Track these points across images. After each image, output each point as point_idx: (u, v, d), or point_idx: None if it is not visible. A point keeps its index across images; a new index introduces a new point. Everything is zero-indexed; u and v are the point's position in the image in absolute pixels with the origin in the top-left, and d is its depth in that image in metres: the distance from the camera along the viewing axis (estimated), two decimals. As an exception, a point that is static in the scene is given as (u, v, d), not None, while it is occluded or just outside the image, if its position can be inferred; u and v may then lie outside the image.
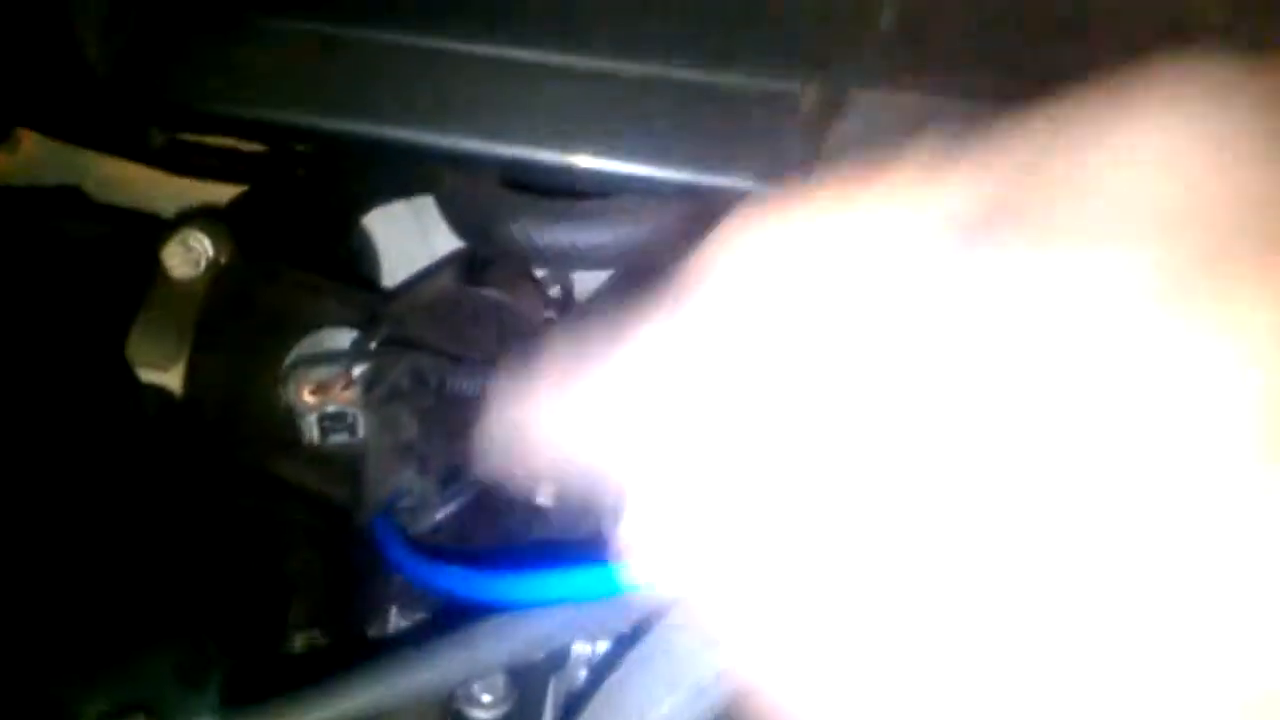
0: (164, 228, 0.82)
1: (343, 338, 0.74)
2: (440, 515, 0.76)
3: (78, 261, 0.76)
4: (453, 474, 0.77)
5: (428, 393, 0.69)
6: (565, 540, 0.86)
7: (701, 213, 0.83)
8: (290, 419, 0.76)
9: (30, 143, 1.15)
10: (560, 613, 0.55)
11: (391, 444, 0.69)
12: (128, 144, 1.08)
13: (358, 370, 0.66)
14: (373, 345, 0.67)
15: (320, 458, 0.77)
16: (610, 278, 0.96)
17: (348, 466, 0.77)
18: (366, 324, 0.70)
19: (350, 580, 0.86)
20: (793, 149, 0.51)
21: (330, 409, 0.68)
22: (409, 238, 1.11)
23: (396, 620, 0.76)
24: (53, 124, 1.07)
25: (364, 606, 0.83)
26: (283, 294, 0.79)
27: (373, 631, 0.78)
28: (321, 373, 0.67)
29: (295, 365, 0.69)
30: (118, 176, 1.13)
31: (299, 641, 0.76)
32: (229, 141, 1.13)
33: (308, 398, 0.66)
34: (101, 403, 0.69)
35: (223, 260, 0.78)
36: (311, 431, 0.69)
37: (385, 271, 1.06)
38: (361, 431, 0.69)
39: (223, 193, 1.13)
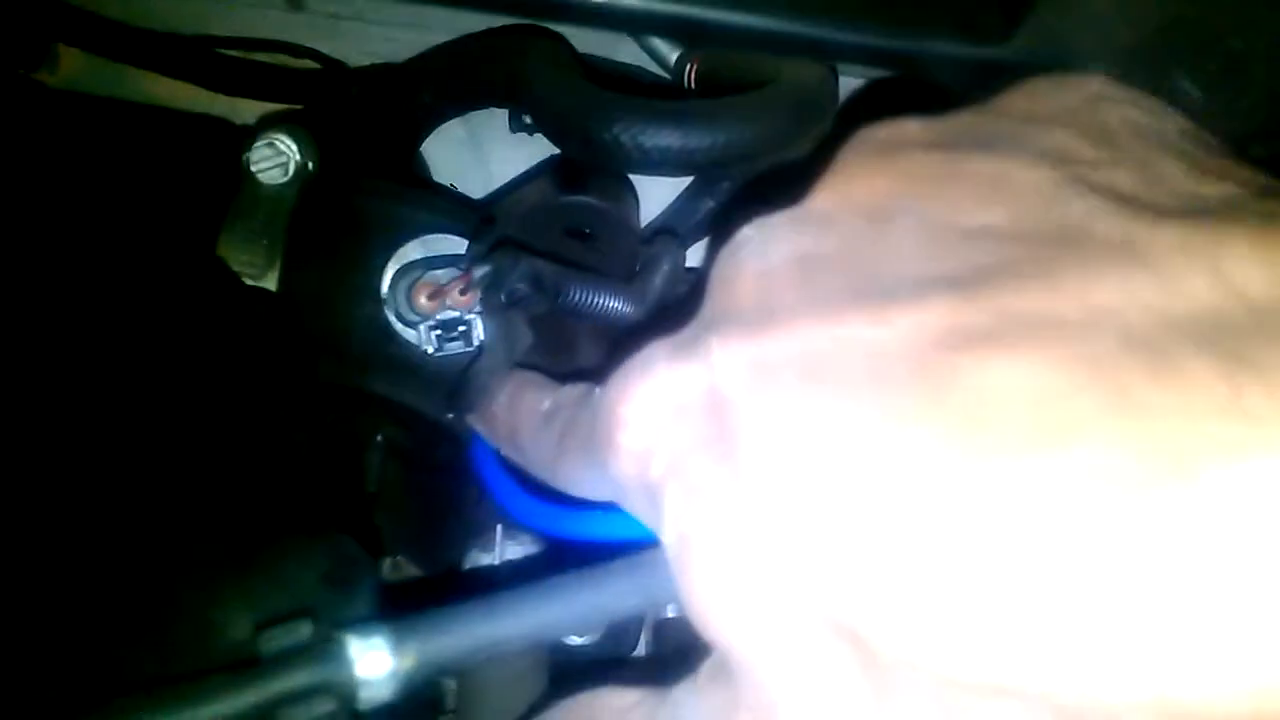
0: (242, 134, 0.78)
1: (442, 244, 0.71)
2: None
3: (161, 166, 0.72)
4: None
5: (544, 299, 0.66)
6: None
7: (806, 113, 0.79)
8: (386, 330, 0.73)
9: (72, 61, 1.10)
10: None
11: (506, 352, 0.66)
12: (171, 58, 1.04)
13: (476, 273, 0.62)
14: (489, 247, 0.64)
15: (417, 370, 0.74)
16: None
17: (446, 380, 0.74)
18: (479, 227, 0.66)
19: (439, 503, 0.83)
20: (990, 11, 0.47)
21: (445, 315, 0.64)
22: (463, 158, 1.07)
23: (501, 547, 0.74)
24: (95, 39, 1.03)
25: (459, 531, 0.80)
26: (374, 201, 0.75)
27: (473, 556, 0.76)
28: (437, 276, 0.63)
29: (406, 270, 0.65)
30: (164, 95, 1.08)
31: (385, 566, 0.74)
32: (279, 59, 1.09)
33: (423, 303, 0.62)
34: (207, 308, 0.65)
35: (310, 166, 0.74)
36: (424, 340, 0.65)
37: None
38: (476, 339, 0.66)
39: (270, 111, 1.09)
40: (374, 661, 0.43)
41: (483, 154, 1.09)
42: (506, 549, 0.74)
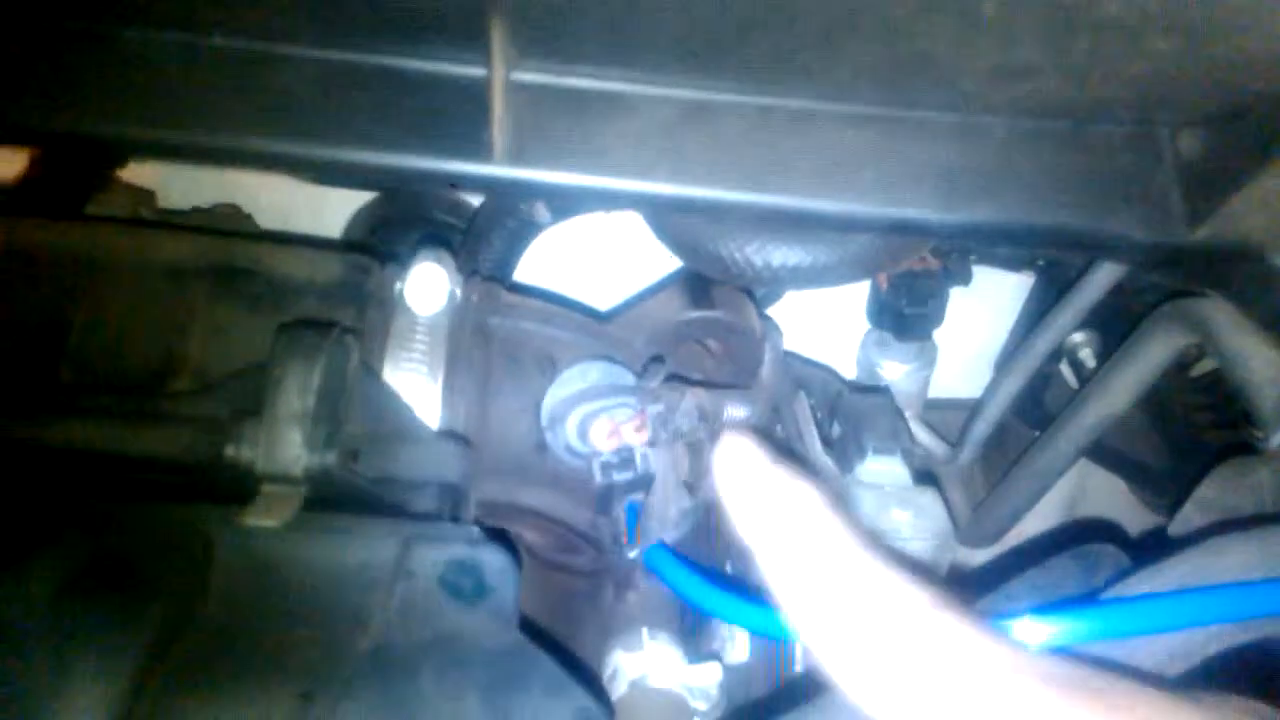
0: (377, 256, 0.81)
1: (594, 372, 0.75)
2: (679, 533, 0.78)
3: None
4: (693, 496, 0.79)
5: (705, 427, 0.70)
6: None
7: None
8: (538, 448, 0.76)
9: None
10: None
11: (675, 479, 0.70)
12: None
13: (650, 412, 0.66)
14: (659, 385, 0.68)
15: (567, 485, 0.78)
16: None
17: (593, 492, 0.78)
18: (647, 364, 0.71)
19: (575, 602, 0.87)
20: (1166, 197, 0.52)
21: (618, 449, 0.68)
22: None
23: (648, 640, 0.78)
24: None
25: (596, 628, 0.84)
26: (520, 324, 0.79)
27: (616, 655, 0.80)
28: (614, 414, 0.67)
29: (577, 407, 0.69)
30: (246, 183, 1.10)
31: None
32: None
33: (602, 441, 0.66)
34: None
35: (458, 293, 0.77)
36: (596, 471, 0.69)
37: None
38: (641, 467, 0.70)
39: (354, 196, 1.11)
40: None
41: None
42: (650, 649, 0.78)
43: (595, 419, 0.68)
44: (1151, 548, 0.61)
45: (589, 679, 0.71)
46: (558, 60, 0.52)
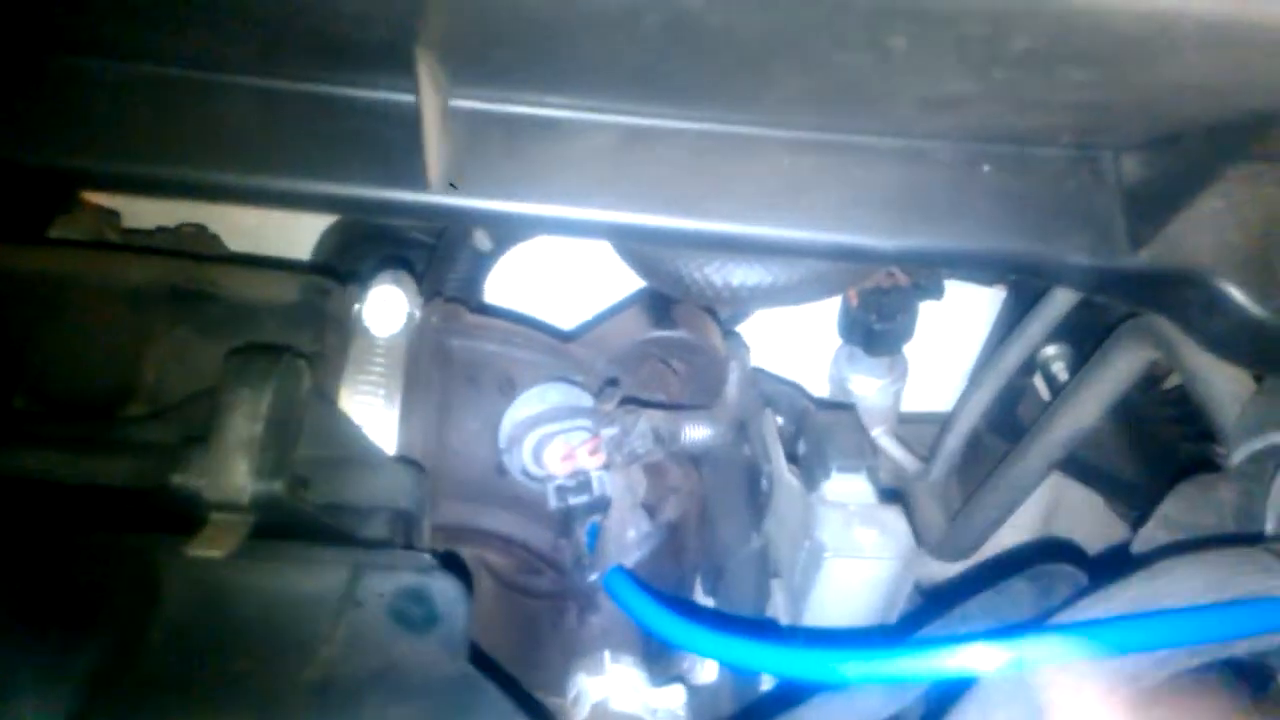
0: (337, 276, 0.81)
1: (553, 394, 0.74)
2: (640, 555, 0.78)
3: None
4: (650, 514, 0.79)
5: (661, 449, 0.70)
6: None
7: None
8: (498, 470, 0.76)
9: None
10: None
11: (631, 502, 0.70)
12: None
13: (605, 435, 0.65)
14: (614, 409, 0.67)
15: (527, 508, 0.78)
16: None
17: (554, 515, 0.77)
18: (603, 387, 0.70)
19: (538, 624, 0.87)
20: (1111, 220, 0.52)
21: (573, 473, 0.68)
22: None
23: (610, 664, 0.78)
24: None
25: (559, 650, 0.84)
26: (480, 345, 0.78)
27: (579, 678, 0.79)
28: (569, 438, 0.67)
29: (532, 430, 0.69)
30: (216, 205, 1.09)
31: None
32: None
33: (556, 465, 0.66)
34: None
35: (417, 314, 0.77)
36: (551, 495, 0.69)
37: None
38: (597, 490, 0.69)
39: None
40: None
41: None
42: (613, 672, 0.77)
43: (550, 442, 0.67)
44: (1113, 566, 0.61)
45: (539, 711, 0.70)
46: (494, 87, 0.51)
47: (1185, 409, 1.04)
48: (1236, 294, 0.51)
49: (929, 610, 0.65)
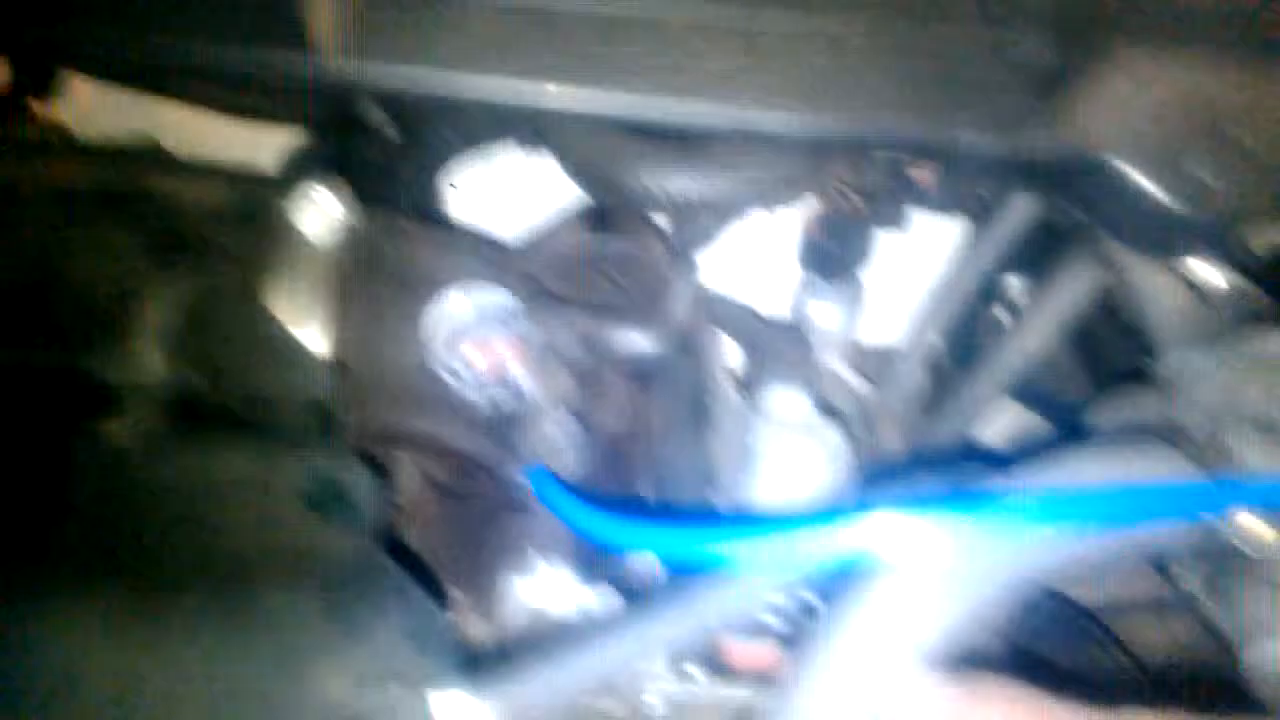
0: (275, 184, 0.80)
1: (481, 295, 0.74)
2: (575, 464, 0.78)
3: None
4: (585, 424, 0.79)
5: (589, 353, 0.70)
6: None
7: (824, 151, 0.83)
8: (430, 376, 0.76)
9: (84, 90, 1.11)
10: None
11: (553, 401, 0.69)
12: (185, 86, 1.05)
13: (525, 332, 0.65)
14: (535, 306, 0.67)
15: (458, 411, 0.78)
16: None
17: (485, 418, 0.77)
18: (522, 281, 0.70)
19: (472, 528, 0.87)
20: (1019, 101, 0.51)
21: (494, 370, 0.68)
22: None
23: (540, 564, 0.78)
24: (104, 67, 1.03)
25: (494, 554, 0.84)
26: (414, 250, 0.78)
27: (508, 578, 0.79)
28: (488, 334, 0.67)
29: (454, 327, 0.69)
30: (174, 121, 1.09)
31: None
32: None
33: (472, 358, 0.66)
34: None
35: (350, 218, 0.77)
36: (471, 390, 0.69)
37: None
38: (521, 389, 0.69)
39: (285, 135, 1.11)
40: (460, 717, 0.47)
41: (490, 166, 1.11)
42: (543, 573, 0.78)
43: (474, 340, 0.67)
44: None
45: (445, 599, 0.70)
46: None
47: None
48: (1138, 179, 0.50)
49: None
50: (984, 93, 0.52)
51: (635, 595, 0.80)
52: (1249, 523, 0.48)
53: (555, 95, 0.52)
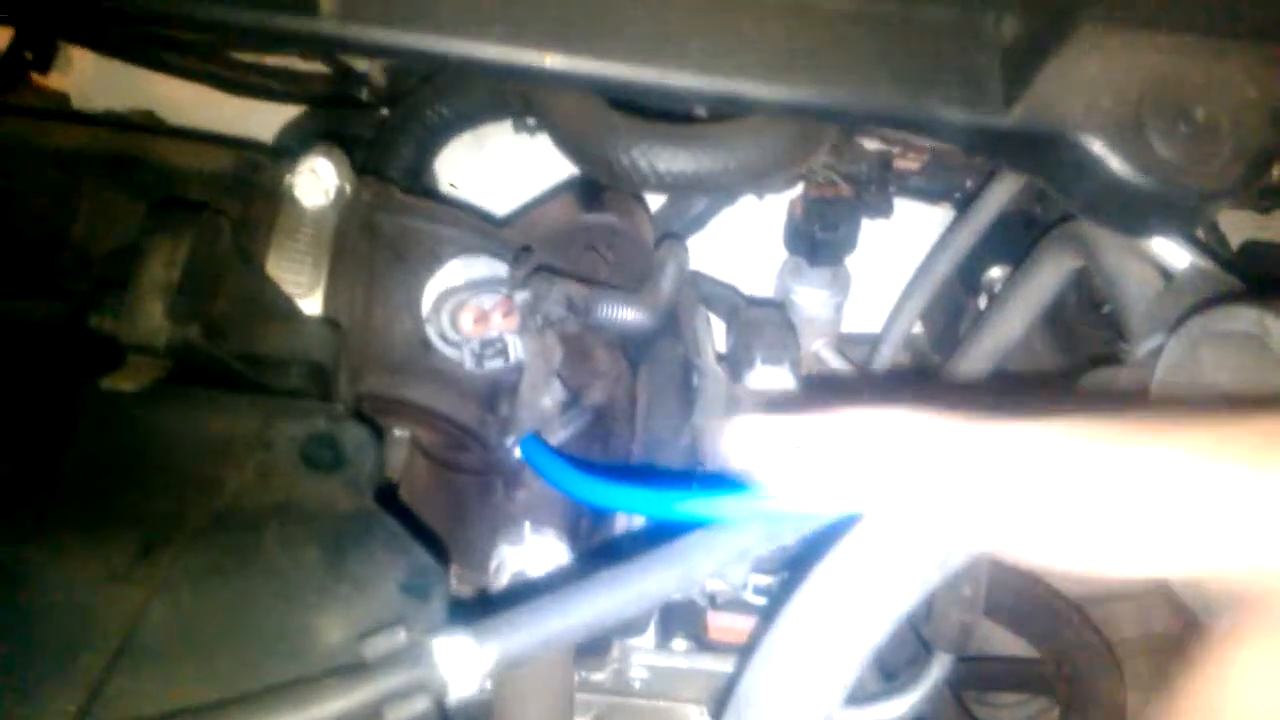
0: (273, 154, 0.82)
1: (477, 266, 0.76)
2: (564, 434, 0.80)
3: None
4: (574, 396, 0.81)
5: (576, 319, 0.72)
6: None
7: (812, 135, 0.85)
8: (426, 345, 0.78)
9: (84, 64, 1.12)
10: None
11: (544, 368, 0.71)
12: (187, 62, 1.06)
13: (517, 299, 0.67)
14: (527, 274, 0.69)
15: (451, 381, 0.80)
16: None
17: (479, 388, 0.79)
18: (517, 254, 0.72)
19: (465, 498, 0.89)
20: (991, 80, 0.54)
21: (488, 336, 0.70)
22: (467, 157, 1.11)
23: (531, 535, 0.80)
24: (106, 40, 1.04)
25: (486, 524, 0.86)
26: (409, 222, 0.80)
27: (501, 549, 0.81)
28: (482, 301, 0.69)
29: (448, 293, 0.70)
30: (174, 97, 1.11)
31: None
32: (285, 61, 1.12)
33: (468, 327, 0.67)
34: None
35: (348, 189, 0.78)
36: (466, 358, 0.70)
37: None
38: (514, 356, 0.71)
39: (280, 112, 1.12)
40: (461, 662, 0.49)
41: (485, 152, 1.13)
42: (534, 543, 0.80)
43: (465, 305, 0.69)
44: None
45: (441, 549, 0.72)
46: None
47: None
48: (1104, 155, 0.52)
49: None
50: (957, 69, 0.54)
51: (623, 553, 0.82)
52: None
53: (547, 61, 0.54)
